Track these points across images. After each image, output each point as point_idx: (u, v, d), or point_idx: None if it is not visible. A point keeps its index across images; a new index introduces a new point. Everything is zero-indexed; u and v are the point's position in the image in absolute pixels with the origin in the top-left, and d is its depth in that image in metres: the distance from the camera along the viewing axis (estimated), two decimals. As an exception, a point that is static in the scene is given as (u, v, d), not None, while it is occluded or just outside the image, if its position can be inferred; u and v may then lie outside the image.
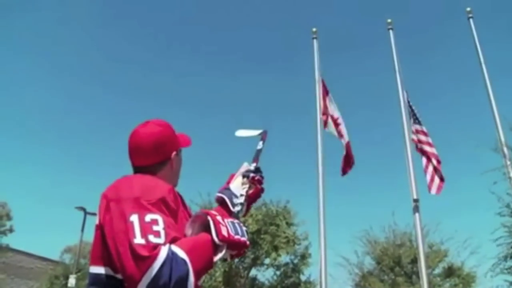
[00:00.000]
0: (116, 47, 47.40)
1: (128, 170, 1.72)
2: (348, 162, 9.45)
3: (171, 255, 1.27)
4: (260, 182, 1.94)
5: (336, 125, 9.62)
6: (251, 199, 1.92)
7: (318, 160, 8.87)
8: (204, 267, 1.38)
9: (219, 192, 1.96)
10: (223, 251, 1.45)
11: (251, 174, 1.92)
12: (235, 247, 1.48)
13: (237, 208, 1.79)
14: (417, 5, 41.37)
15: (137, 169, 1.69)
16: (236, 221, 1.56)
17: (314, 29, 10.68)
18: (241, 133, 2.31)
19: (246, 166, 1.99)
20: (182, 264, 1.27)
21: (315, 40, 10.48)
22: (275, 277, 17.87)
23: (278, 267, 17.71)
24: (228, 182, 1.99)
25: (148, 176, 1.57)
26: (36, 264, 29.54)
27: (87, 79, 46.62)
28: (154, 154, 1.67)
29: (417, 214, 8.03)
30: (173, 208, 1.47)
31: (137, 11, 49.23)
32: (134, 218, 1.33)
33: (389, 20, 10.41)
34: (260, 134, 2.23)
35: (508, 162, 7.09)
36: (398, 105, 9.30)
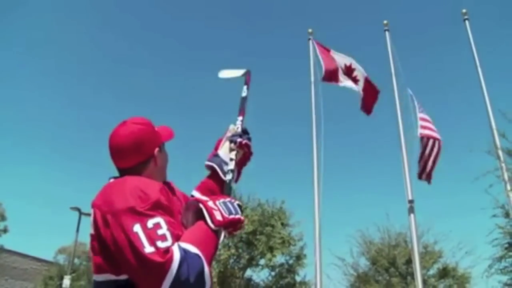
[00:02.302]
0: (113, 47, 47.31)
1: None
2: (369, 100, 9.60)
3: (184, 254, 1.29)
4: (248, 146, 1.93)
5: (351, 71, 9.71)
6: (240, 164, 1.91)
7: (314, 161, 8.88)
8: (212, 254, 1.43)
9: (209, 160, 1.95)
10: (222, 234, 1.48)
11: (238, 139, 1.90)
12: (231, 226, 1.50)
13: (229, 177, 1.80)
14: (413, 7, 41.54)
15: (121, 171, 1.64)
16: (227, 199, 1.55)
17: (309, 30, 10.68)
18: (224, 74, 2.29)
19: (232, 129, 1.95)
20: (196, 258, 1.31)
21: (310, 41, 10.48)
22: (270, 278, 17.86)
23: (273, 268, 17.69)
24: (216, 148, 1.97)
25: (136, 179, 1.52)
26: (30, 265, 29.37)
27: (82, 80, 46.51)
28: (136, 154, 1.62)
29: (412, 215, 8.06)
30: (167, 206, 1.45)
31: (138, 11, 49.15)
32: (137, 228, 1.32)
33: (385, 22, 10.44)
34: (243, 74, 2.21)
35: (503, 165, 7.11)
36: (394, 106, 9.32)
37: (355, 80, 9.73)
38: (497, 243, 6.96)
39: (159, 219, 1.35)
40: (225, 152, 1.90)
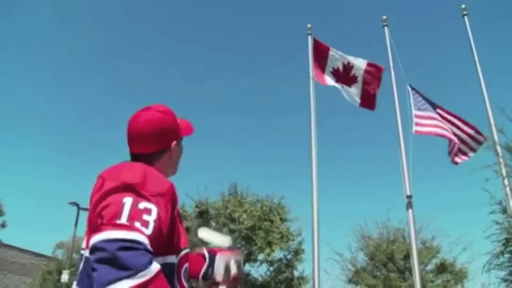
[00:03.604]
0: (111, 44, 47.16)
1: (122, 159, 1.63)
2: (372, 91, 9.77)
3: (147, 249, 1.14)
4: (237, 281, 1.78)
5: (349, 69, 9.77)
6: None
7: (312, 156, 8.87)
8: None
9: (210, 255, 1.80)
10: None
11: (232, 276, 1.74)
12: None
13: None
14: (412, 2, 41.46)
15: (135, 156, 1.60)
16: None
17: (308, 25, 10.65)
18: (204, 235, 1.99)
19: (228, 255, 1.79)
20: (144, 260, 1.11)
21: (309, 36, 10.45)
22: (268, 273, 17.90)
23: (271, 263, 17.73)
24: (214, 252, 1.82)
25: (152, 168, 1.46)
26: (29, 259, 29.41)
27: (81, 75, 46.38)
28: (154, 142, 1.59)
29: (410, 211, 8.06)
30: (169, 207, 1.39)
31: (138, 11, 48.95)
32: (127, 201, 1.24)
33: (384, 17, 10.40)
34: (229, 247, 1.91)
35: (500, 160, 7.12)
36: (392, 102, 9.31)
37: (352, 80, 9.77)
38: (495, 239, 6.98)
39: (153, 207, 1.27)
40: (219, 270, 1.74)
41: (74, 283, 1.46)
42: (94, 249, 1.13)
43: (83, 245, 1.48)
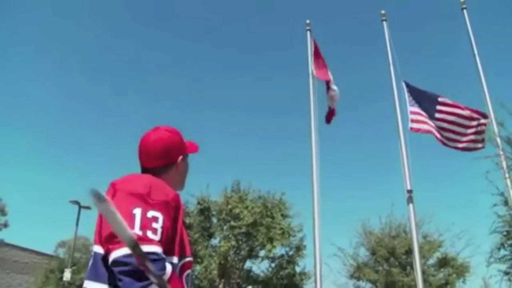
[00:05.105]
0: (111, 44, 47.12)
1: (127, 166, 1.93)
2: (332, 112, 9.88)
3: (162, 257, 1.39)
4: None
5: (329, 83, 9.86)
6: None
7: (313, 152, 8.87)
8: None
9: None
10: None
11: None
12: None
13: None
14: (411, -4, 41.33)
15: (145, 170, 1.81)
16: None
17: (307, 21, 10.61)
18: None
19: None
20: (162, 266, 1.37)
21: (308, 32, 10.42)
22: (270, 269, 17.94)
23: (273, 259, 17.77)
24: None
25: (158, 179, 1.66)
26: (31, 258, 29.44)
27: (84, 76, 46.39)
28: (162, 157, 1.80)
29: (411, 205, 8.06)
30: (174, 214, 1.57)
31: (137, 11, 48.92)
32: (137, 212, 1.43)
33: (383, 12, 10.36)
34: None
35: (501, 153, 7.13)
36: (392, 96, 9.29)
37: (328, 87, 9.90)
38: (496, 230, 7.02)
39: (159, 214, 1.46)
40: None
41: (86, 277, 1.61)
42: (117, 263, 1.35)
43: (94, 241, 1.62)
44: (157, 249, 1.38)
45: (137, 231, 1.37)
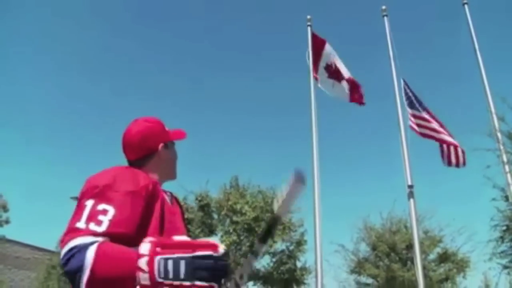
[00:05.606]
0: (111, 43, 47.07)
1: (121, 162, 1.84)
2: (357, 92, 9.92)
3: (82, 246, 1.29)
4: None
5: (338, 69, 9.86)
6: None
7: (313, 148, 8.90)
8: (115, 276, 1.27)
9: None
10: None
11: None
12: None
13: None
14: (412, -8, 41.20)
15: (130, 163, 1.81)
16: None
17: (308, 17, 10.62)
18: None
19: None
20: (78, 259, 1.26)
21: (309, 28, 10.42)
22: (271, 264, 17.98)
23: (274, 254, 17.80)
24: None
25: (130, 169, 1.67)
26: (32, 254, 29.51)
27: (84, 76, 46.33)
28: (140, 148, 1.80)
29: (411, 200, 8.09)
30: (146, 201, 1.54)
31: (138, 10, 48.82)
32: (89, 203, 1.43)
33: (383, 7, 10.36)
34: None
35: (502, 147, 7.15)
36: (393, 92, 9.31)
37: (343, 77, 9.88)
38: (496, 224, 7.06)
39: (111, 208, 1.42)
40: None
41: None
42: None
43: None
44: (80, 240, 1.30)
45: (81, 224, 1.36)
